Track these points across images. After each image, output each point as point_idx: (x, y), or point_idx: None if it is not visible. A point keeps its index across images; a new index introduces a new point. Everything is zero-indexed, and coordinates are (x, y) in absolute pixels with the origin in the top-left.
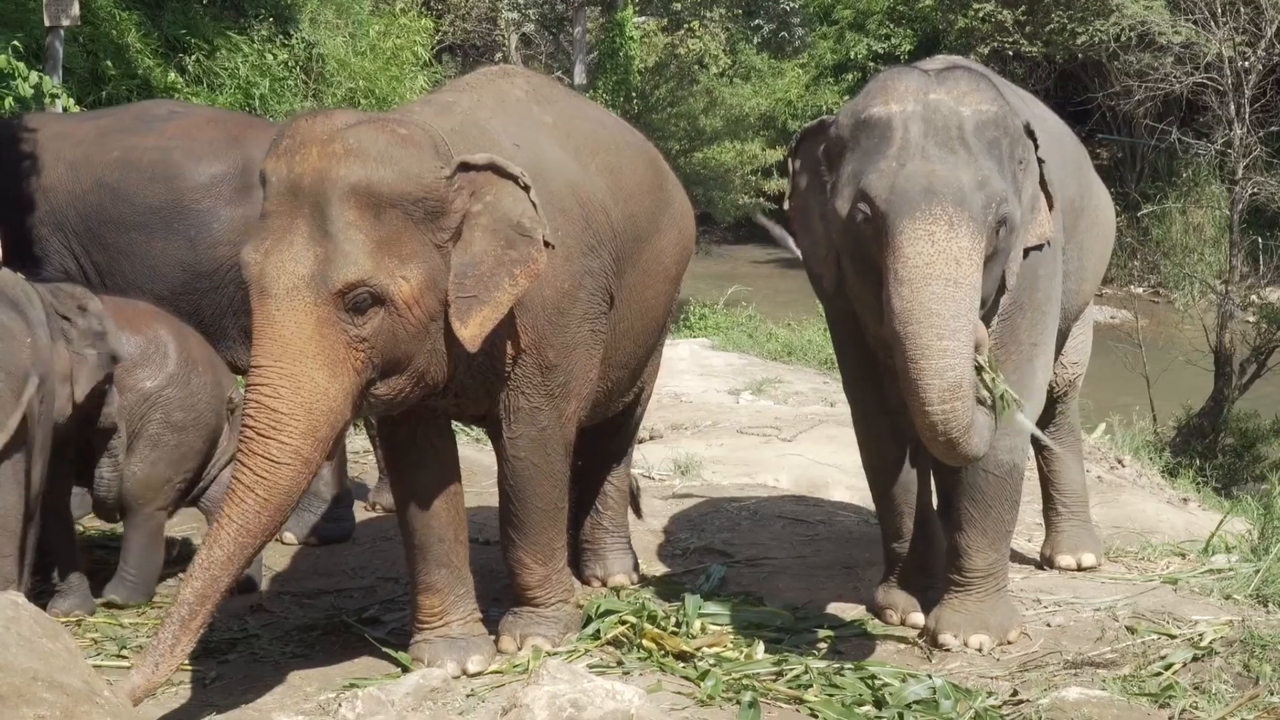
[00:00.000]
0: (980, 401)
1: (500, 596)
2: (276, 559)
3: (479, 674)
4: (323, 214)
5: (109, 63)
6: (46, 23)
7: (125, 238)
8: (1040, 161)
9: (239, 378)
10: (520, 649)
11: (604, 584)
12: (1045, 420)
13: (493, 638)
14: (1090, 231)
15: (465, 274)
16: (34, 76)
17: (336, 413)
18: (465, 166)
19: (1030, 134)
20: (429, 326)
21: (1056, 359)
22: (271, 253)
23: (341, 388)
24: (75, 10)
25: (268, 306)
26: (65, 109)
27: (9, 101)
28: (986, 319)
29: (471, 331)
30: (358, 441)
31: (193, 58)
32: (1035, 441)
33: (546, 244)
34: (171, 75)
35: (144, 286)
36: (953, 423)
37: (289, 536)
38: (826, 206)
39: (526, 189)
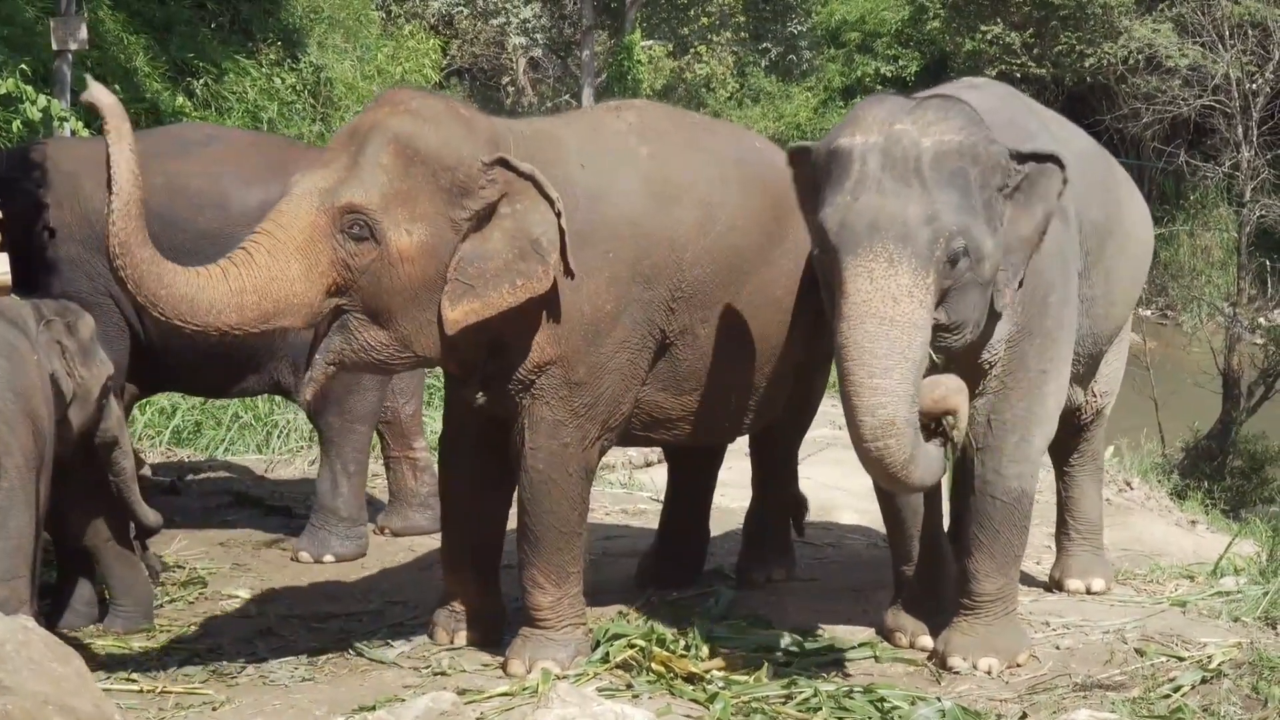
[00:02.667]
0: (941, 435)
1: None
2: (287, 582)
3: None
4: (363, 150)
5: (117, 86)
6: (54, 46)
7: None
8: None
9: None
10: (530, 672)
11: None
12: (1069, 448)
13: (501, 658)
14: (1120, 255)
15: (471, 262)
16: (42, 100)
17: (288, 300)
18: (506, 164)
19: (1040, 159)
20: (418, 292)
21: (1087, 386)
22: (307, 171)
23: (308, 288)
24: (83, 34)
25: (282, 202)
26: (73, 133)
27: (17, 125)
28: (978, 348)
29: (455, 316)
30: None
31: (201, 81)
32: (1057, 465)
33: (569, 272)
34: (180, 99)
35: None
36: (888, 458)
37: (304, 556)
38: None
39: (558, 215)
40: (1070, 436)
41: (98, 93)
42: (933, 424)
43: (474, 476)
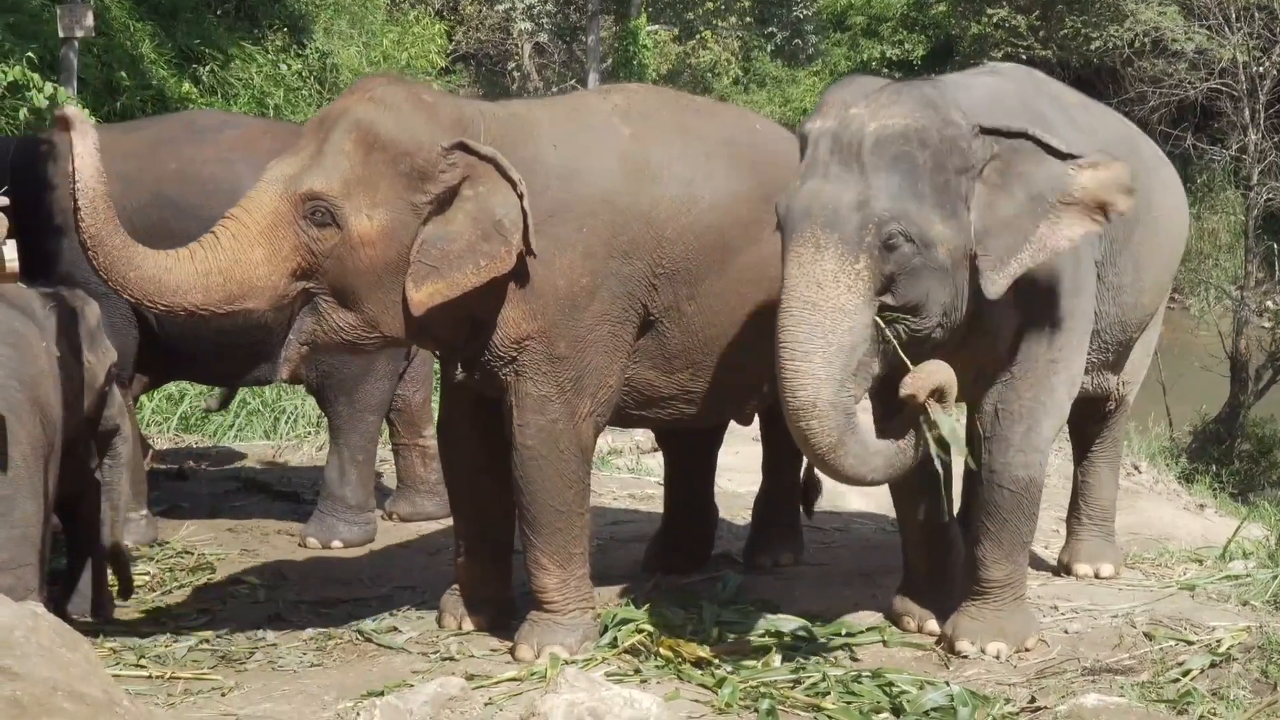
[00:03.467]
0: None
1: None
2: (295, 567)
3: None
4: (328, 138)
5: (123, 73)
6: (61, 34)
7: None
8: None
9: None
10: (538, 657)
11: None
12: (1091, 434)
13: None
14: (1149, 243)
15: (434, 244)
16: (49, 87)
17: (252, 283)
18: (466, 149)
19: (1008, 136)
20: (381, 275)
21: (1118, 373)
22: (278, 160)
23: (270, 272)
24: (90, 21)
25: (252, 189)
26: None
27: (24, 113)
28: (984, 335)
29: (420, 297)
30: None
31: (207, 68)
32: (1076, 449)
33: (529, 251)
34: (186, 85)
35: None
36: (812, 440)
37: (312, 542)
38: None
39: (520, 195)
40: (1094, 423)
41: (67, 110)
42: (919, 416)
43: (474, 460)
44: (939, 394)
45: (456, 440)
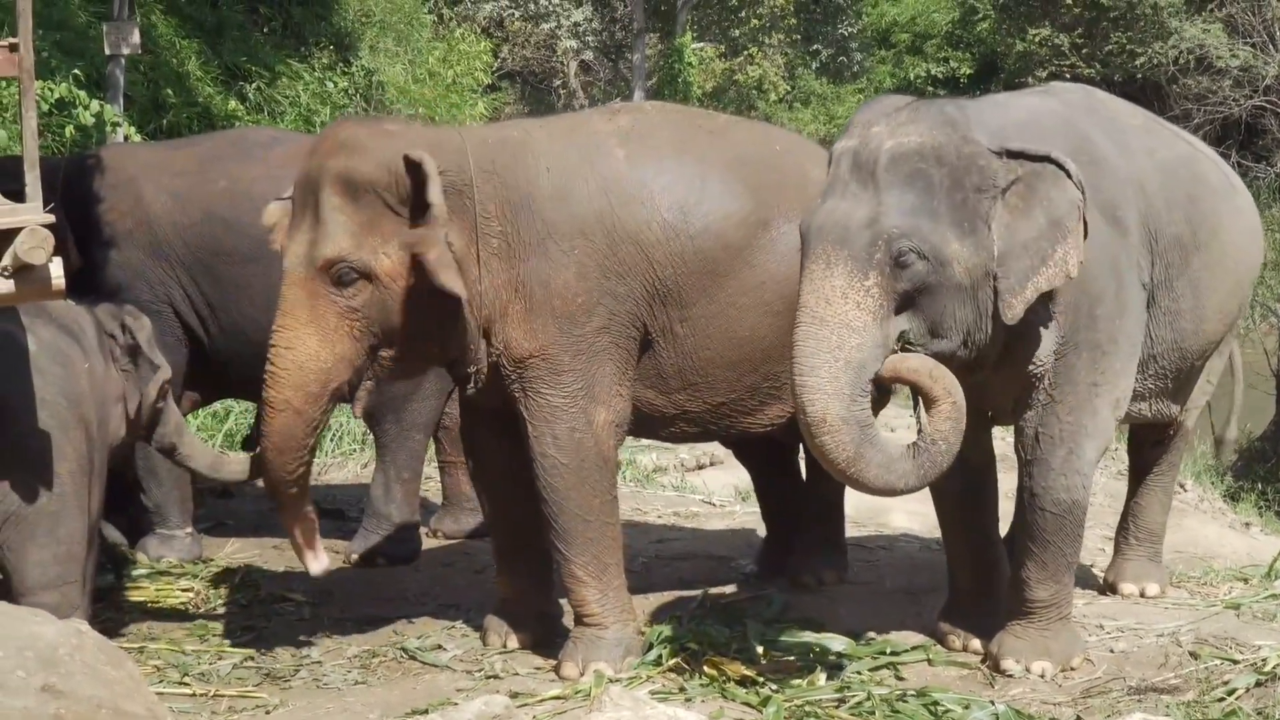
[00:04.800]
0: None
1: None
2: (340, 585)
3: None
4: (317, 201)
5: (170, 90)
6: (107, 51)
7: (241, 270)
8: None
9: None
10: (583, 674)
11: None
12: (1149, 459)
13: (554, 661)
14: (1211, 269)
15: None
16: (95, 105)
17: (328, 372)
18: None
19: (1031, 159)
20: (418, 301)
21: (1181, 401)
22: (288, 236)
23: (334, 352)
24: (136, 38)
25: (283, 281)
26: (126, 137)
27: (70, 130)
28: (1004, 359)
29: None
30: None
31: (253, 85)
32: (1132, 471)
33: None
34: (232, 103)
35: (261, 319)
36: (829, 454)
37: (356, 559)
38: None
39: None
40: (1151, 448)
41: None
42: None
43: (502, 470)
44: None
45: (482, 453)
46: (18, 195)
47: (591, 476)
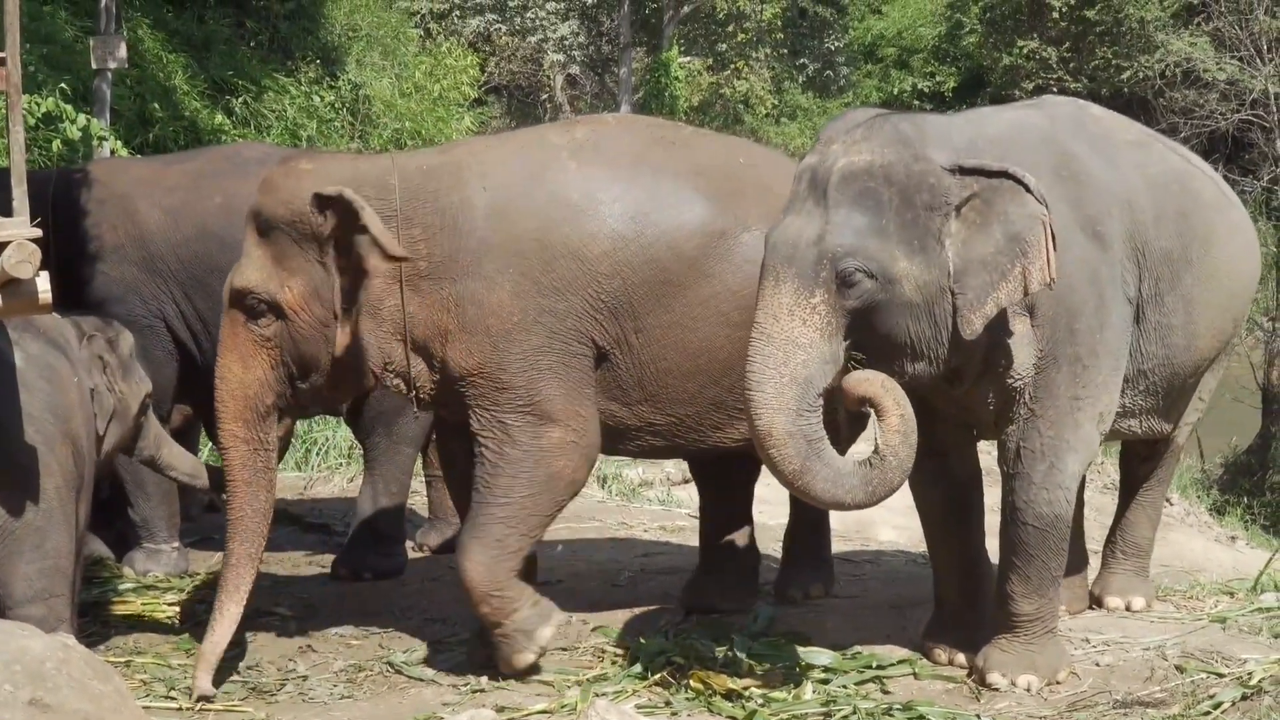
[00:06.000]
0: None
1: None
2: (326, 599)
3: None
4: (244, 238)
5: (156, 105)
6: (94, 65)
7: None
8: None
9: None
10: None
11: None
12: (1139, 474)
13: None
14: (1204, 285)
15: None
16: (82, 119)
17: (255, 399)
18: (323, 200)
19: (987, 175)
20: (323, 331)
21: (1172, 418)
22: None
23: (254, 377)
24: (122, 52)
25: None
26: (113, 151)
27: (57, 144)
28: (983, 374)
29: (341, 341)
30: None
31: (240, 100)
32: (1123, 485)
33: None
34: (219, 117)
35: None
36: (778, 466)
37: (343, 572)
38: None
39: (365, 220)
40: (1141, 463)
41: None
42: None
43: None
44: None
45: (458, 465)
46: (4, 207)
47: (531, 490)
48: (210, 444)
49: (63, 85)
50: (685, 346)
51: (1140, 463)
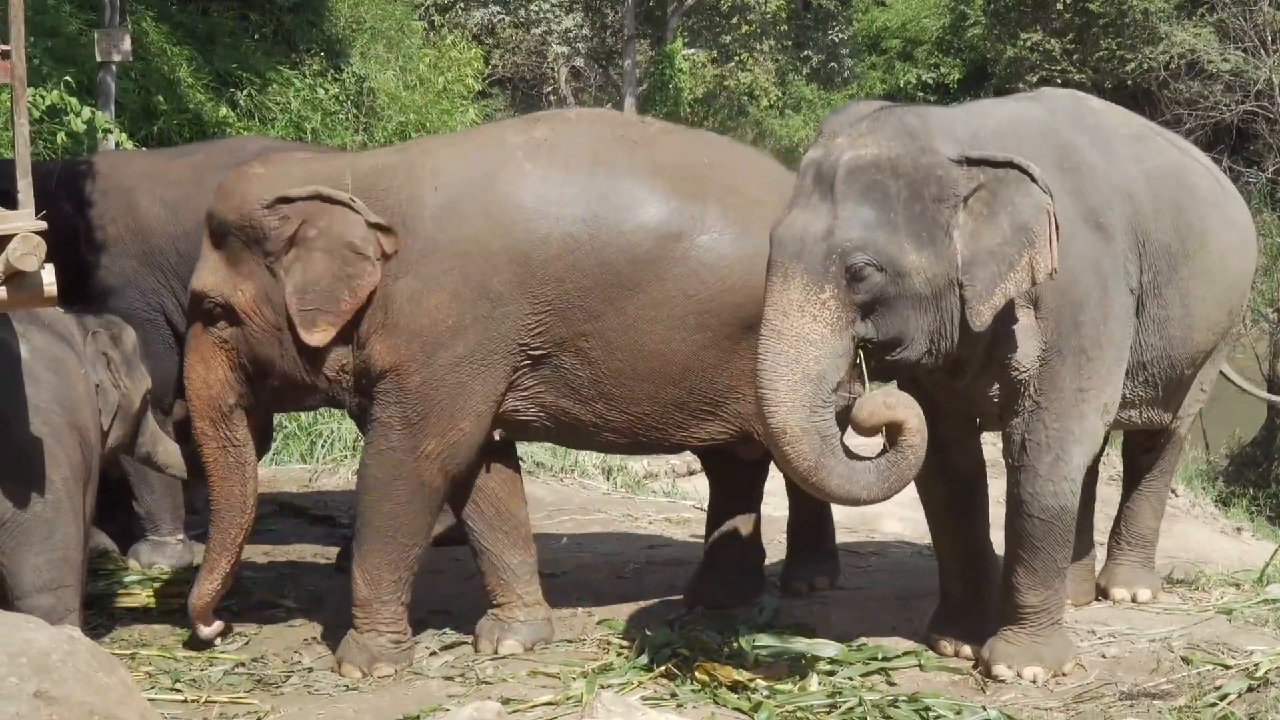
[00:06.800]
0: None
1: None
2: (331, 591)
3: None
4: (203, 240)
5: (161, 97)
6: (98, 58)
7: None
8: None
9: None
10: (341, 669)
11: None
12: (1141, 466)
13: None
14: (1200, 278)
15: (307, 290)
16: (86, 112)
17: (218, 398)
18: (284, 200)
19: (993, 165)
20: (275, 334)
21: (1172, 410)
22: None
23: (216, 378)
24: (127, 45)
25: None
26: (118, 144)
27: (61, 137)
28: (986, 366)
29: (314, 339)
30: None
31: (244, 92)
32: (1126, 477)
33: (385, 256)
34: (223, 110)
35: None
36: (791, 464)
37: (349, 564)
38: None
39: (358, 211)
40: (1143, 454)
41: None
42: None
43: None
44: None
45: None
46: (8, 196)
47: (400, 494)
48: None
49: (67, 78)
50: (639, 348)
51: (1142, 454)
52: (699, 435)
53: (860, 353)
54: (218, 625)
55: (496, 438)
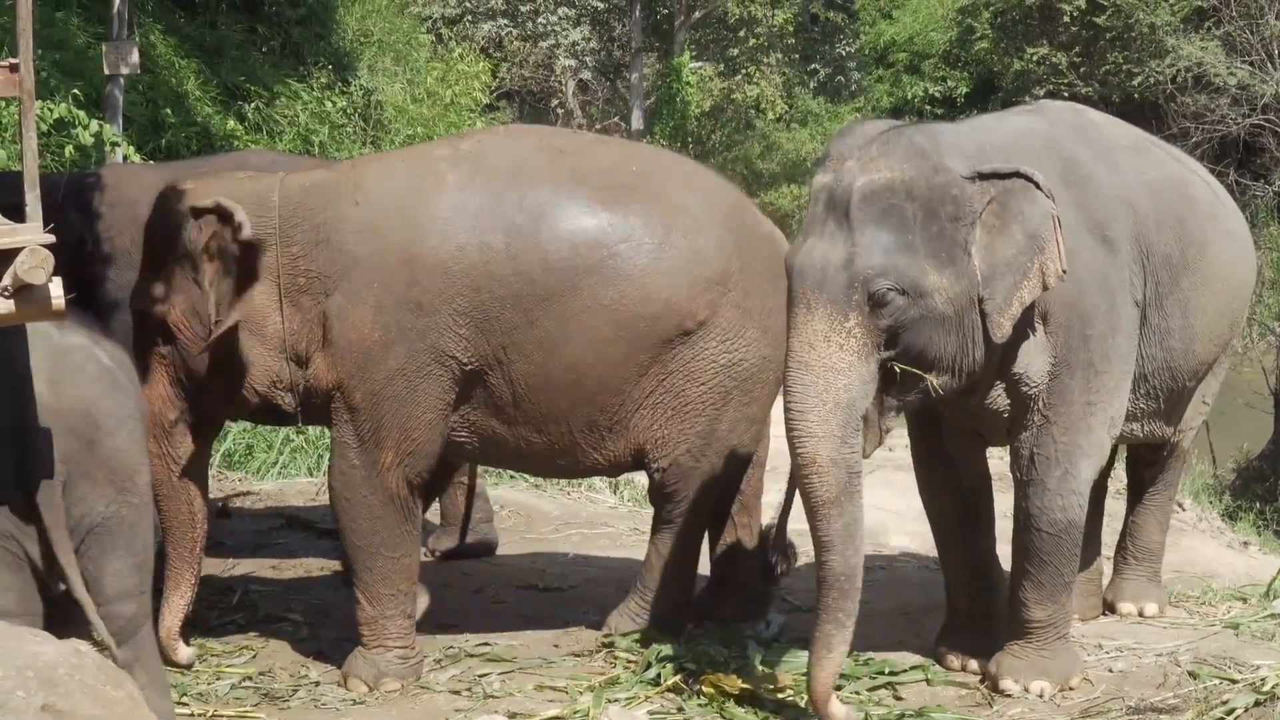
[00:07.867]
0: None
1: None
2: (338, 605)
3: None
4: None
5: (169, 110)
6: (106, 71)
7: None
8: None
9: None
10: (346, 684)
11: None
12: (1144, 479)
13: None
14: (1201, 289)
15: (220, 303)
16: (94, 125)
17: (159, 414)
18: (196, 212)
19: (1001, 177)
20: (205, 347)
21: (1173, 422)
22: None
23: (157, 394)
24: (135, 58)
25: None
26: (126, 157)
27: (69, 150)
28: (996, 381)
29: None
30: None
31: (252, 105)
32: (1130, 491)
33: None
34: (231, 123)
35: None
36: (811, 494)
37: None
38: None
39: (239, 226)
40: (1146, 468)
41: None
42: None
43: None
44: None
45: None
46: (16, 209)
47: (371, 509)
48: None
49: (75, 91)
50: (558, 362)
51: (1145, 467)
52: (607, 457)
53: (891, 367)
54: (191, 652)
55: None
